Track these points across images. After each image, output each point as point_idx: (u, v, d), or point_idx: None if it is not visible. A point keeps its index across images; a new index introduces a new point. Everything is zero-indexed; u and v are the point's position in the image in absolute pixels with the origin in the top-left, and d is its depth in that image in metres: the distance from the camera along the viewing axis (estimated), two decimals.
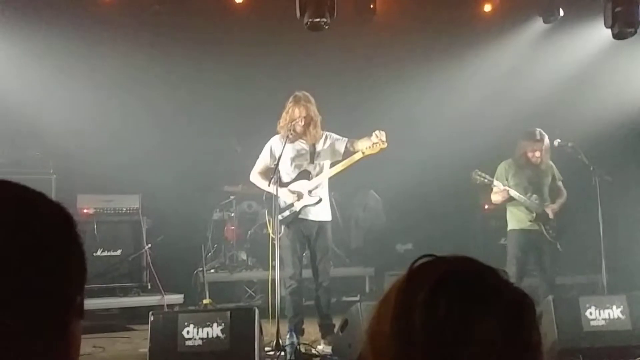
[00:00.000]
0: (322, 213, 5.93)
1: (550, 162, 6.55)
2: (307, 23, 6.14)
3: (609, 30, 6.74)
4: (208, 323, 4.96)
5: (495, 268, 1.06)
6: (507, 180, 6.41)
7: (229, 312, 5.08)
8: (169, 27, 7.87)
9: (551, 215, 6.38)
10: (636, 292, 5.53)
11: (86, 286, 0.99)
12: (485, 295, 1.00)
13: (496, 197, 6.45)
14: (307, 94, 5.86)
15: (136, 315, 7.19)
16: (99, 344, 6.11)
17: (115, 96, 7.98)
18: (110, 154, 7.80)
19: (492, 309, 0.98)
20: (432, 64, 8.37)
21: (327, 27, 6.14)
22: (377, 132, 5.59)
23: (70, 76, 7.60)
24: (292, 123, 5.73)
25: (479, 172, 6.34)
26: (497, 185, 6.34)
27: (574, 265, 8.06)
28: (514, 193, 6.33)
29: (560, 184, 6.58)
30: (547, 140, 6.36)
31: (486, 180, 6.32)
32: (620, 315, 5.38)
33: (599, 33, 7.44)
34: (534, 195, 6.37)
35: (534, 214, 6.35)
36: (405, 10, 8.13)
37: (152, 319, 5.00)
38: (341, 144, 5.88)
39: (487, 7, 8.57)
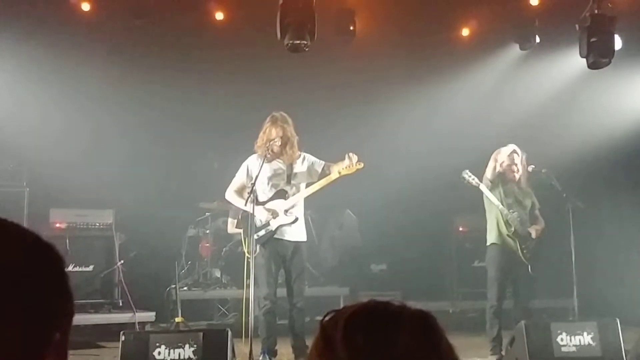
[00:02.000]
0: (298, 233, 5.93)
1: (531, 191, 6.61)
2: (287, 44, 6.16)
3: (585, 60, 6.85)
4: (180, 344, 4.92)
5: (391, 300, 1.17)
6: (496, 188, 6.43)
7: (201, 333, 5.04)
8: (147, 42, 7.85)
9: (534, 235, 6.42)
10: (607, 319, 5.58)
11: None
12: (393, 316, 1.11)
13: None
14: (285, 114, 5.89)
15: (107, 332, 7.07)
16: None
17: (90, 111, 7.92)
18: (85, 168, 7.72)
19: (402, 326, 1.10)
20: (410, 87, 8.45)
21: (307, 49, 6.17)
22: (349, 154, 5.67)
23: (46, 90, 7.54)
24: (269, 143, 5.76)
25: (469, 173, 6.37)
26: (482, 189, 6.37)
27: (546, 290, 8.13)
28: (493, 198, 6.36)
29: (537, 212, 6.63)
30: (520, 153, 6.43)
31: (474, 182, 6.36)
32: (591, 342, 5.44)
33: (574, 61, 7.55)
34: (515, 213, 6.41)
35: (513, 228, 6.38)
36: (384, 32, 8.20)
37: (123, 338, 4.94)
38: (318, 166, 5.94)
39: (465, 32, 8.68)
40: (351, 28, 7.60)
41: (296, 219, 5.88)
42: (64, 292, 0.97)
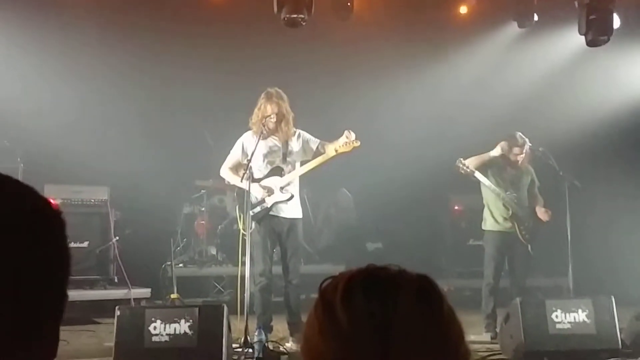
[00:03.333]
0: (293, 210, 5.91)
1: (530, 168, 6.62)
2: (284, 18, 6.09)
3: (583, 37, 6.81)
4: (175, 319, 4.91)
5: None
6: (487, 174, 6.44)
7: (197, 309, 5.03)
8: (143, 19, 7.76)
9: (545, 218, 6.44)
10: (602, 297, 5.59)
11: None
12: (392, 279, 1.10)
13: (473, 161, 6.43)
14: (279, 90, 5.84)
15: (102, 309, 7.07)
16: (62, 337, 5.87)
17: (86, 87, 7.86)
18: (80, 145, 7.66)
19: (401, 288, 1.08)
20: (408, 64, 8.40)
21: (304, 23, 6.10)
22: (347, 132, 5.65)
23: (42, 66, 7.47)
24: (265, 120, 5.71)
25: (463, 160, 6.36)
26: (478, 176, 6.37)
27: (542, 268, 8.15)
28: (489, 184, 6.37)
29: (537, 190, 6.64)
30: (527, 144, 6.42)
31: (468, 170, 6.35)
32: (586, 319, 5.45)
33: (572, 39, 7.52)
34: (514, 195, 6.42)
35: (510, 212, 6.40)
36: (382, 10, 8.13)
37: (118, 313, 4.93)
38: (313, 144, 5.91)
39: (463, 9, 8.62)
40: (349, 4, 7.52)
41: (292, 197, 5.86)
42: (66, 251, 0.95)
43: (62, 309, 0.93)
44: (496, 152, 6.43)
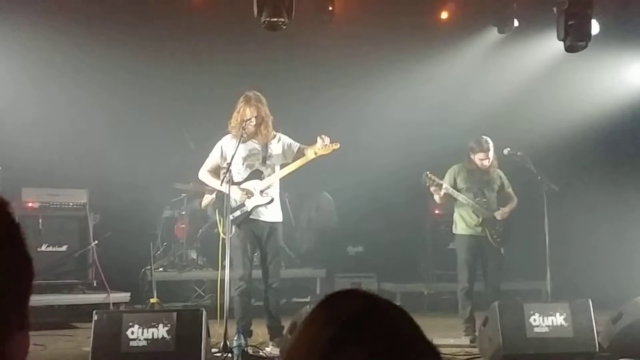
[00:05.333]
0: (273, 214, 5.90)
1: (499, 171, 6.67)
2: (264, 22, 6.07)
3: (562, 43, 6.87)
4: (153, 323, 4.87)
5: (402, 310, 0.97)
6: (455, 183, 6.51)
7: (175, 313, 5.00)
8: (123, 20, 7.72)
9: (499, 217, 6.48)
10: (579, 300, 5.64)
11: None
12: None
13: (438, 197, 6.52)
14: (258, 93, 5.83)
15: (80, 313, 7.02)
16: (40, 341, 5.94)
17: (64, 89, 7.79)
18: (58, 148, 7.61)
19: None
20: (389, 69, 8.43)
21: (284, 27, 6.09)
22: (320, 137, 5.67)
23: (18, 68, 7.41)
24: (244, 123, 5.69)
25: (429, 174, 6.40)
26: (446, 189, 6.41)
27: (519, 272, 8.22)
28: (458, 195, 6.42)
29: (510, 190, 6.69)
30: (492, 148, 6.47)
31: (435, 182, 6.39)
32: (564, 323, 5.48)
33: (551, 45, 7.58)
34: (483, 200, 6.48)
35: (480, 218, 6.46)
36: (364, 14, 8.16)
37: (95, 318, 4.89)
38: (294, 147, 5.90)
39: (444, 15, 8.67)
40: (330, 8, 7.53)
41: (272, 200, 5.84)
42: (25, 260, 0.92)
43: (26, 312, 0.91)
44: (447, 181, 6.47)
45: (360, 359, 0.88)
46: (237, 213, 5.79)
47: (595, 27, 7.21)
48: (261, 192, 5.83)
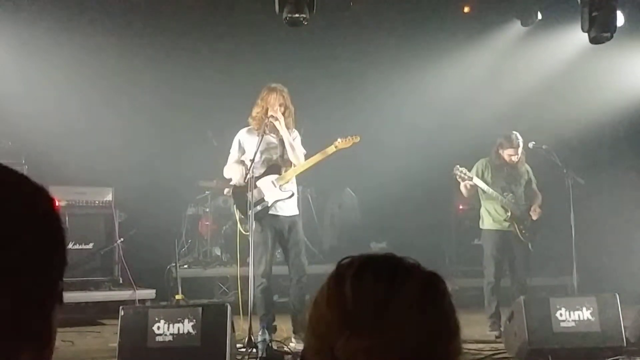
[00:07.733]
0: (291, 208, 5.89)
1: (527, 166, 6.62)
2: (285, 18, 6.08)
3: (586, 35, 6.79)
4: (179, 319, 4.91)
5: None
6: (482, 177, 6.47)
7: (200, 308, 5.03)
8: (146, 17, 7.78)
9: (535, 217, 6.45)
10: (606, 294, 5.57)
11: None
12: (405, 268, 1.17)
13: (465, 190, 6.48)
14: (282, 85, 5.83)
15: (107, 310, 7.10)
16: (68, 338, 6.02)
17: (91, 88, 7.87)
18: (84, 146, 7.69)
19: (411, 277, 1.14)
20: (410, 64, 8.39)
21: (305, 22, 6.09)
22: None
23: (46, 66, 7.48)
24: (268, 113, 5.66)
25: (460, 168, 6.37)
26: (476, 182, 6.37)
27: (545, 267, 8.13)
28: (487, 189, 6.38)
29: (535, 187, 6.64)
30: (522, 143, 6.42)
31: (466, 176, 6.35)
32: (590, 317, 5.42)
33: (576, 37, 7.49)
34: (510, 195, 6.43)
35: (509, 213, 6.41)
36: (383, 8, 8.12)
37: (122, 313, 4.94)
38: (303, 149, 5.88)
39: (466, 9, 8.61)
40: (351, 3, 7.52)
41: (292, 194, 5.83)
42: (63, 238, 0.95)
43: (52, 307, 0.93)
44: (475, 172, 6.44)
45: (370, 277, 1.13)
46: (258, 208, 5.78)
47: (620, 19, 7.11)
48: (280, 186, 5.82)
